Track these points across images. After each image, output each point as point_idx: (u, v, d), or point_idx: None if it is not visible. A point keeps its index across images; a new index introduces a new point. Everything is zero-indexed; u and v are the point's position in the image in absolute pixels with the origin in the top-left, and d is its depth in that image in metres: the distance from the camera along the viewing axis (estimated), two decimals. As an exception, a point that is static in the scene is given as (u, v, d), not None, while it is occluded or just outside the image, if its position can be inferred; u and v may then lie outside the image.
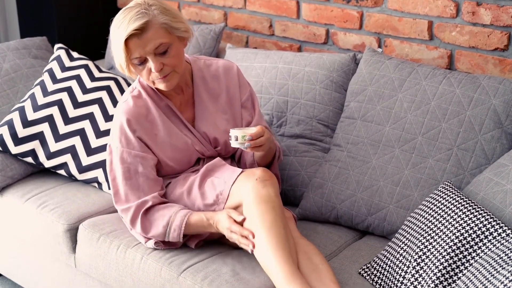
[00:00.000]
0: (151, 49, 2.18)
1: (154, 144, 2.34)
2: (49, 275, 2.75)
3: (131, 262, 2.35)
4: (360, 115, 2.55)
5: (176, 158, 2.37)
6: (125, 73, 2.27)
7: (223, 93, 2.44)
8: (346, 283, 2.19)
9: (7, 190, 2.81)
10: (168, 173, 2.40)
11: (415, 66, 2.54)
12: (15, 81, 3.05)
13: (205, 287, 2.17)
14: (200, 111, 2.41)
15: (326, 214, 2.52)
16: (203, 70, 2.44)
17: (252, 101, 2.50)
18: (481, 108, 2.35)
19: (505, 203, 2.07)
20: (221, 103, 2.44)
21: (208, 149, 2.42)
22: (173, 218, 2.23)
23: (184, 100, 2.41)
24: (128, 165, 2.30)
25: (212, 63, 2.47)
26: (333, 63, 2.73)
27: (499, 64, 2.61)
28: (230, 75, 2.46)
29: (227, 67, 2.47)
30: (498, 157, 2.30)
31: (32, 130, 2.80)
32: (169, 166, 2.37)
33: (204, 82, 2.42)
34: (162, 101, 2.36)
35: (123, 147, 2.31)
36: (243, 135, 2.17)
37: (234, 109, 2.46)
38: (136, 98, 2.34)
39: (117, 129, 2.32)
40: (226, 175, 2.25)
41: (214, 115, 2.42)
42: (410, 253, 2.07)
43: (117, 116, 2.34)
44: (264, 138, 2.21)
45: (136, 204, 2.28)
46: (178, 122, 2.39)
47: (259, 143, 2.20)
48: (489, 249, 1.94)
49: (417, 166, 2.38)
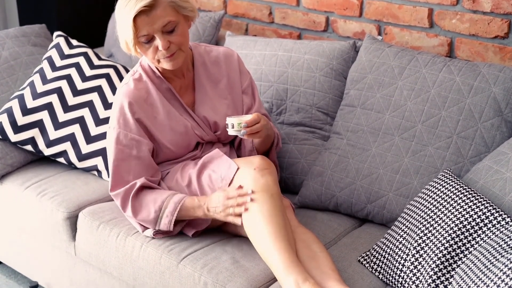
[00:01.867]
0: (159, 26, 2.18)
1: (153, 127, 2.34)
2: (49, 263, 2.76)
3: (131, 250, 2.36)
4: (360, 103, 2.55)
5: (175, 141, 2.37)
6: (130, 52, 2.27)
7: (223, 79, 2.45)
8: (346, 270, 2.20)
9: (7, 178, 2.81)
10: (167, 158, 2.40)
11: (415, 54, 2.53)
12: (14, 68, 3.04)
13: (205, 275, 2.18)
14: (200, 96, 2.42)
15: (325, 202, 2.52)
16: (204, 56, 2.45)
17: (252, 89, 2.51)
18: (481, 96, 2.34)
19: (504, 191, 2.08)
20: (221, 88, 2.45)
21: (208, 133, 2.42)
22: (166, 203, 2.24)
23: (185, 84, 2.42)
24: (122, 147, 2.30)
25: (213, 50, 2.48)
26: (333, 50, 2.72)
27: (499, 52, 2.61)
28: (231, 62, 2.47)
29: (227, 54, 2.48)
30: (498, 145, 2.30)
31: (31, 118, 2.79)
32: (168, 149, 2.37)
33: (204, 68, 2.43)
34: (162, 85, 2.37)
35: (120, 128, 2.31)
36: (239, 122, 2.18)
37: (234, 95, 2.47)
38: (137, 81, 2.35)
39: (117, 110, 2.33)
40: (223, 171, 2.25)
41: (214, 100, 2.43)
42: (409, 241, 2.07)
43: (118, 98, 2.34)
44: (260, 125, 2.22)
45: (125, 189, 2.28)
46: (178, 105, 2.39)
47: (255, 129, 2.21)
48: (488, 237, 1.94)
49: (416, 154, 2.38)
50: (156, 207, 2.24)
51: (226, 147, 2.48)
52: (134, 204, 2.28)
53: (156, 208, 2.24)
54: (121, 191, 2.29)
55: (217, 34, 3.18)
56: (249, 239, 2.26)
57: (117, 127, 2.31)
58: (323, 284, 2.04)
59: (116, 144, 2.31)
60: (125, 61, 3.33)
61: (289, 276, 1.99)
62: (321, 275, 2.07)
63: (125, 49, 2.28)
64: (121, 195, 2.29)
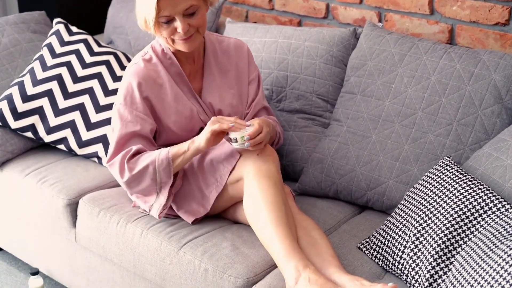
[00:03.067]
0: (182, 9, 2.19)
1: (160, 108, 2.35)
2: (50, 250, 2.77)
3: (131, 236, 2.36)
4: (360, 90, 2.55)
5: (179, 124, 2.37)
6: (148, 31, 2.27)
7: (232, 69, 2.46)
8: (345, 257, 2.20)
9: (7, 165, 2.81)
10: (170, 141, 2.40)
11: (415, 41, 2.53)
12: (14, 55, 3.04)
13: (205, 262, 2.18)
14: (208, 82, 2.42)
15: (325, 189, 2.52)
16: (215, 44, 2.46)
17: (258, 82, 2.53)
18: (481, 83, 2.34)
19: (504, 178, 2.08)
20: (229, 78, 2.46)
21: None
22: (158, 155, 2.24)
23: (194, 70, 2.42)
24: (126, 122, 2.31)
25: (224, 40, 2.49)
26: (333, 37, 2.72)
27: (500, 39, 2.60)
28: (241, 53, 2.48)
29: (238, 45, 2.50)
30: (498, 132, 2.30)
31: (31, 105, 2.79)
32: (172, 131, 2.38)
33: (215, 56, 2.45)
34: (173, 68, 2.37)
35: (126, 105, 2.31)
36: (242, 136, 2.17)
37: (241, 86, 2.48)
38: (147, 61, 2.35)
39: (124, 88, 2.33)
40: (225, 158, 2.26)
41: (221, 88, 2.44)
42: (409, 228, 2.08)
43: (126, 77, 2.34)
44: (263, 135, 2.21)
45: (122, 154, 2.28)
46: (186, 90, 2.40)
47: (258, 140, 2.20)
48: (488, 224, 1.95)
49: (417, 141, 2.38)
50: (151, 160, 2.24)
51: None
52: (129, 164, 2.27)
53: (151, 160, 2.24)
54: (117, 158, 2.29)
55: (217, 21, 3.17)
56: (249, 226, 2.27)
57: (123, 103, 2.32)
58: (323, 270, 2.04)
59: (120, 120, 2.31)
60: (125, 48, 3.33)
61: (289, 262, 2.00)
62: (322, 262, 2.07)
63: (143, 27, 2.28)
64: (118, 161, 2.28)
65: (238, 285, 2.12)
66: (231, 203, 2.33)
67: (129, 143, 2.30)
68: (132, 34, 3.31)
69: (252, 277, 2.12)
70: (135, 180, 2.27)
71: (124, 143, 2.31)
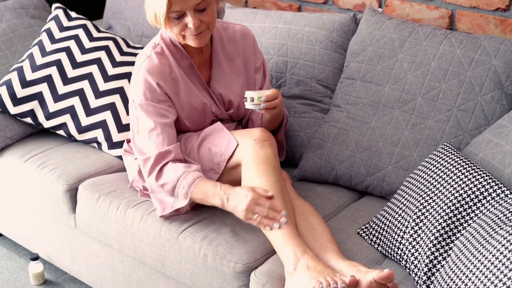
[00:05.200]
0: (193, 4, 2.17)
1: (176, 102, 2.33)
2: (49, 235, 2.77)
3: (131, 222, 2.36)
4: (360, 75, 2.54)
5: (193, 118, 2.37)
6: (157, 25, 2.23)
7: (239, 57, 2.45)
8: (345, 243, 2.21)
9: (6, 150, 2.81)
10: (180, 132, 2.40)
11: (415, 26, 2.52)
12: (13, 41, 3.03)
13: (205, 247, 2.19)
14: (216, 73, 2.41)
15: (325, 174, 2.52)
16: (221, 32, 2.44)
17: (264, 68, 2.52)
18: (481, 68, 2.34)
19: (504, 163, 2.08)
20: (237, 66, 2.45)
21: (222, 111, 2.42)
22: (186, 175, 2.18)
23: (203, 60, 2.41)
24: (153, 117, 2.26)
25: (229, 27, 2.47)
26: (333, 23, 2.71)
27: (500, 25, 2.60)
28: (247, 40, 2.47)
29: (244, 32, 2.48)
30: (498, 118, 2.30)
31: (31, 91, 2.79)
32: (185, 125, 2.37)
33: (222, 44, 2.43)
34: (184, 60, 2.35)
35: (147, 100, 2.27)
36: (259, 96, 2.18)
37: (248, 73, 2.47)
38: (159, 55, 2.32)
39: (141, 83, 2.28)
40: (223, 146, 2.25)
41: (229, 78, 2.43)
42: (408, 213, 2.08)
43: (141, 72, 2.29)
44: (279, 100, 2.22)
45: (158, 153, 2.23)
46: (197, 82, 2.38)
47: (274, 104, 2.20)
48: (487, 210, 1.95)
49: (416, 127, 2.38)
50: (179, 174, 2.19)
51: (233, 124, 2.48)
52: (159, 173, 2.23)
53: (178, 175, 2.19)
54: (151, 159, 2.23)
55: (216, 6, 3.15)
56: (248, 212, 2.27)
57: (143, 99, 2.27)
58: (322, 256, 2.05)
59: (147, 115, 2.26)
60: (124, 33, 3.32)
61: (288, 248, 2.00)
62: (320, 247, 2.08)
63: (153, 21, 2.24)
64: (151, 162, 2.23)
65: (237, 270, 2.12)
66: (229, 189, 2.32)
67: (161, 137, 2.24)
68: (131, 20, 3.30)
69: (251, 263, 2.13)
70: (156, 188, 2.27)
71: (155, 138, 2.25)
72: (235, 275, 2.13)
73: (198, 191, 2.16)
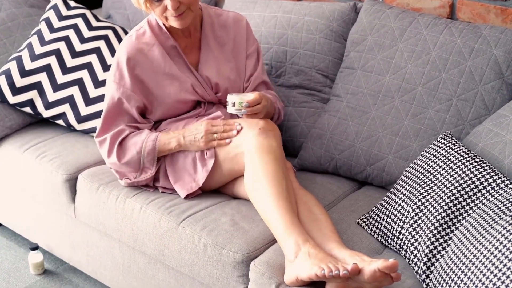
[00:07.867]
0: None
1: (151, 81, 2.38)
2: (49, 225, 2.77)
3: (131, 212, 2.36)
4: (360, 65, 2.54)
5: (174, 96, 2.40)
6: (141, 8, 2.29)
7: (230, 42, 2.46)
8: (345, 232, 2.21)
9: (6, 140, 2.81)
10: (167, 114, 2.43)
11: (416, 16, 2.51)
12: (11, 30, 3.02)
13: (204, 237, 2.19)
14: (204, 56, 2.43)
15: (325, 164, 2.52)
16: (213, 18, 2.46)
17: (258, 55, 2.52)
18: (482, 58, 2.33)
19: (504, 153, 2.08)
20: (227, 51, 2.46)
21: (209, 93, 2.42)
22: (145, 144, 2.32)
23: (191, 43, 2.43)
24: (115, 98, 2.36)
25: (223, 13, 2.49)
26: (333, 12, 2.70)
27: (501, 14, 2.59)
28: (239, 27, 2.48)
29: (237, 18, 2.49)
30: (498, 108, 2.30)
31: (30, 80, 2.78)
32: (166, 104, 2.40)
33: (212, 29, 2.45)
34: (168, 41, 2.39)
35: (115, 81, 2.37)
36: (240, 102, 2.17)
37: (238, 60, 2.47)
38: (141, 34, 2.39)
39: (115, 63, 2.38)
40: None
41: (218, 61, 2.44)
42: (408, 203, 2.08)
43: (119, 51, 2.39)
44: (261, 106, 2.23)
45: (112, 134, 2.35)
46: (181, 63, 2.40)
47: (255, 110, 2.22)
48: (487, 199, 1.95)
49: (416, 117, 2.38)
50: (138, 149, 2.32)
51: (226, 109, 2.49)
52: (118, 150, 2.35)
53: (137, 149, 2.32)
54: (107, 139, 2.36)
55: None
56: (248, 202, 2.27)
57: (113, 78, 2.37)
58: (323, 245, 2.05)
59: (110, 95, 2.37)
60: (123, 22, 3.31)
61: (289, 237, 2.00)
62: (322, 237, 2.08)
63: (136, 4, 2.30)
64: (108, 143, 2.36)
65: (237, 260, 2.12)
66: (230, 178, 2.33)
67: (117, 120, 2.37)
68: (130, 9, 3.29)
69: (251, 252, 2.13)
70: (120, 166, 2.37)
71: (111, 119, 2.37)
72: (235, 265, 2.13)
73: (159, 150, 2.34)
